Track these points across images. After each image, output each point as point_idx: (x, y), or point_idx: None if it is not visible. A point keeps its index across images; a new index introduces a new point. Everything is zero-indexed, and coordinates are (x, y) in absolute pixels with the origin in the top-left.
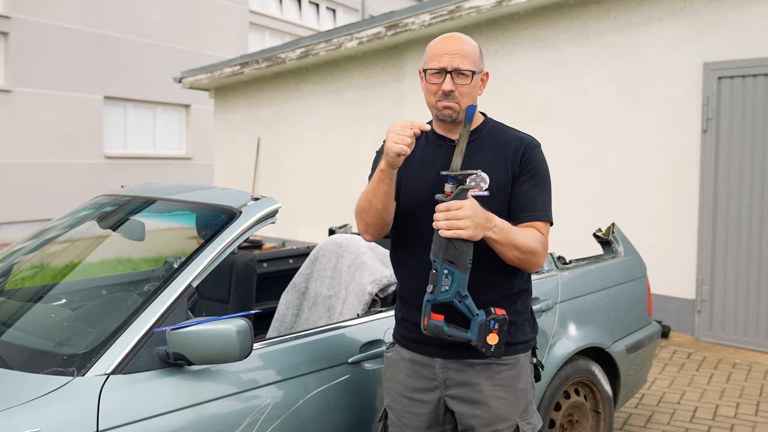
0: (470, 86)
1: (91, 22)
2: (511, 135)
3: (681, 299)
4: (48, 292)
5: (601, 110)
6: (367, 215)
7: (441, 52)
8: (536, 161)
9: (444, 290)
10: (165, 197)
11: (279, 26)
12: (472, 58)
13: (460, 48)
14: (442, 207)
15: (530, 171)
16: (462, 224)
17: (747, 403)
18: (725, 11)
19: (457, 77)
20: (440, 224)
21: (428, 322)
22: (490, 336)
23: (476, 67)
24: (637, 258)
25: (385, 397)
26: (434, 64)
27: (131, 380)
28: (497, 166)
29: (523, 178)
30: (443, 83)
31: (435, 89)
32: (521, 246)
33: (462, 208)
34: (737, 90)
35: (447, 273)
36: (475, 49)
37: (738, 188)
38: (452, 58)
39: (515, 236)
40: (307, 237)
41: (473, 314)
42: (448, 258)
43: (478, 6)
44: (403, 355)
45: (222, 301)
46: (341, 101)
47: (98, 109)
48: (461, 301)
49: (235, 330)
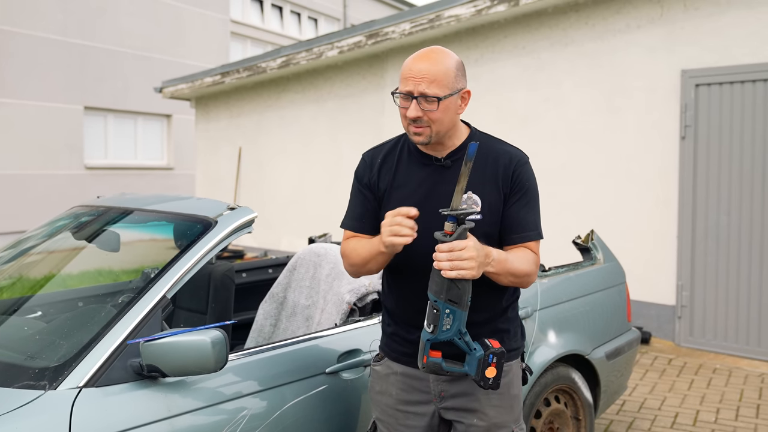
0: (439, 111)
1: (72, 32)
2: (499, 151)
3: (661, 305)
4: (23, 304)
5: (581, 117)
6: (359, 269)
7: (408, 75)
8: (526, 179)
9: (445, 329)
10: (141, 208)
11: (260, 36)
12: (443, 81)
13: (428, 71)
14: (445, 248)
15: (521, 190)
16: (466, 265)
17: (727, 409)
18: (702, 19)
19: (423, 102)
20: (443, 265)
21: (427, 360)
22: (488, 369)
23: (448, 90)
24: (617, 265)
25: (374, 410)
26: (402, 87)
27: (104, 393)
28: (487, 185)
29: (514, 198)
30: (409, 109)
31: (403, 113)
32: (517, 272)
33: (466, 249)
34: (714, 97)
35: (449, 312)
36: (449, 69)
37: (716, 194)
38: (418, 83)
39: (511, 264)
40: (289, 246)
41: (471, 349)
42: (450, 298)
43: (458, 15)
44: (394, 368)
45: (200, 311)
46: (322, 110)
47: (78, 119)
48: (461, 338)
49: (210, 341)
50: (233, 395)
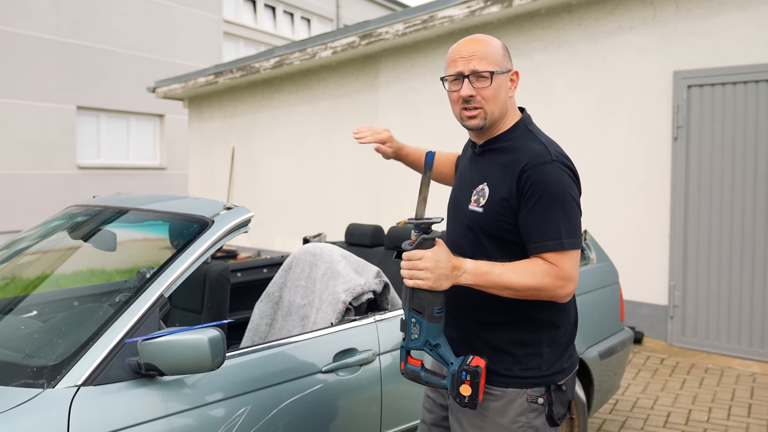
0: (492, 88)
1: (64, 31)
2: (523, 148)
3: (654, 305)
4: (18, 303)
5: (574, 118)
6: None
7: (456, 57)
8: (542, 181)
9: (413, 338)
10: (137, 207)
11: (253, 36)
12: (492, 58)
13: (476, 49)
14: (405, 256)
15: (535, 194)
16: (421, 275)
17: (719, 408)
18: (694, 21)
19: (475, 81)
20: (403, 273)
21: (405, 366)
22: (462, 387)
23: (498, 67)
24: (609, 265)
25: None
26: (451, 70)
27: (102, 392)
28: (497, 183)
29: (528, 204)
30: (462, 89)
31: (456, 97)
32: (510, 285)
33: (422, 259)
34: (707, 98)
35: (415, 322)
36: (497, 47)
37: (708, 195)
38: (468, 61)
39: (499, 277)
40: (283, 246)
41: (447, 363)
42: (414, 307)
43: (451, 16)
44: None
45: (195, 311)
46: (316, 110)
47: (71, 119)
48: (432, 350)
49: (207, 340)
50: (230, 394)
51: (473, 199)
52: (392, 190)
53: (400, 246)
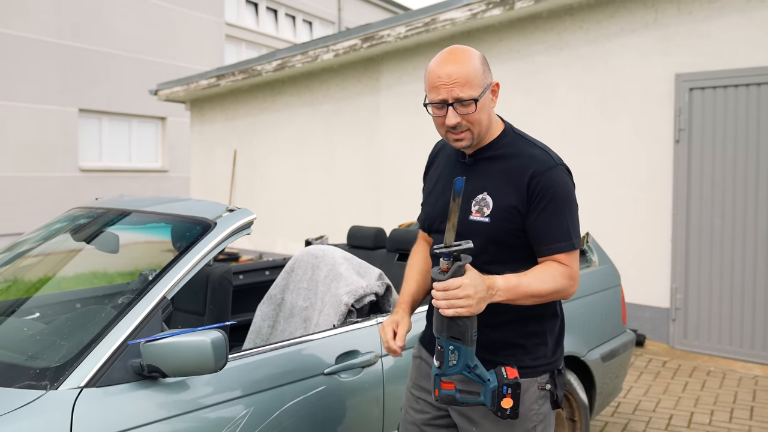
0: (477, 112)
1: (66, 34)
2: (524, 154)
3: (656, 308)
4: (21, 305)
5: (576, 121)
6: None
7: (438, 83)
8: (550, 185)
9: (452, 365)
10: (140, 209)
11: (255, 38)
12: (475, 80)
13: (458, 73)
14: (440, 287)
15: (544, 198)
16: (463, 303)
17: (721, 410)
18: (696, 23)
19: (460, 107)
20: (440, 303)
21: (439, 393)
22: (504, 401)
23: (481, 88)
24: (611, 267)
25: None
26: (434, 96)
27: (105, 393)
28: (504, 190)
29: (538, 207)
30: (447, 117)
31: (441, 122)
32: (537, 292)
33: (461, 287)
34: (708, 101)
35: (453, 349)
36: (476, 65)
37: (710, 197)
38: (451, 89)
39: (526, 288)
40: (284, 249)
41: (484, 380)
42: (452, 335)
43: (453, 18)
44: (421, 353)
45: (198, 313)
46: (317, 113)
47: (73, 121)
48: (471, 372)
49: (210, 341)
50: (233, 396)
51: (474, 209)
52: (394, 193)
53: (401, 248)
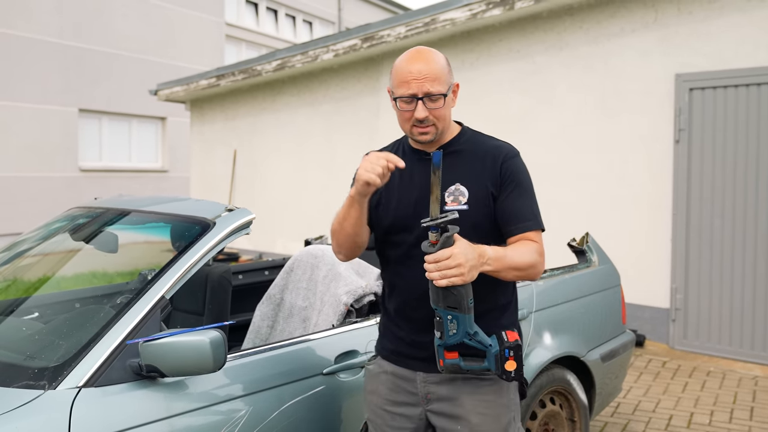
0: (444, 108)
1: (66, 34)
2: (489, 145)
3: (655, 308)
4: (20, 305)
5: (576, 121)
6: (338, 236)
7: (409, 78)
8: (517, 171)
9: (452, 334)
10: (139, 209)
11: (255, 39)
12: (442, 78)
13: (429, 70)
14: (431, 258)
15: (513, 181)
16: (455, 272)
17: (721, 411)
18: (696, 24)
19: (429, 102)
20: (433, 275)
21: (444, 363)
22: (507, 363)
23: (447, 85)
24: (611, 267)
25: (366, 411)
26: (404, 91)
27: (103, 393)
28: (476, 178)
29: (507, 190)
30: (416, 110)
31: (408, 116)
32: (519, 265)
33: (452, 257)
34: (708, 101)
35: (451, 318)
36: (443, 65)
37: (710, 197)
38: (421, 84)
39: (510, 259)
40: (284, 249)
41: (486, 346)
42: (449, 305)
43: (453, 18)
44: (385, 368)
45: (197, 313)
46: (317, 113)
47: (73, 121)
48: (471, 339)
49: (209, 341)
50: (231, 396)
51: (449, 200)
52: None
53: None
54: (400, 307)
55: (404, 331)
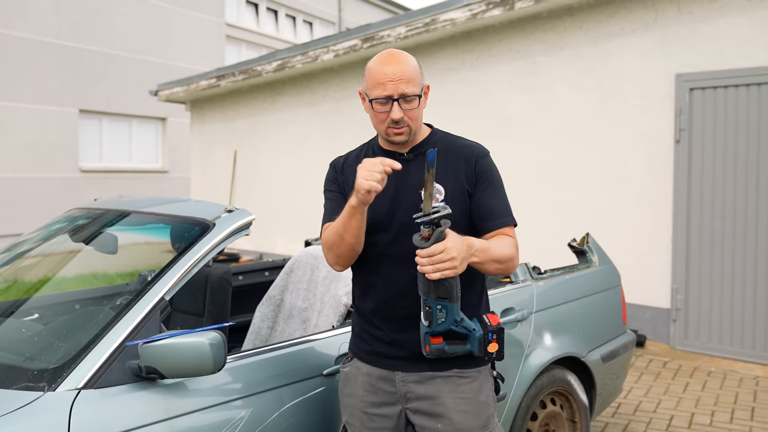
0: (418, 109)
1: (66, 34)
2: (459, 145)
3: (656, 308)
4: (20, 307)
5: (576, 121)
6: (338, 249)
7: (384, 79)
8: (489, 169)
9: (440, 322)
10: (139, 210)
11: (255, 39)
12: (416, 79)
13: (403, 72)
14: (425, 253)
15: (486, 179)
16: (449, 265)
17: (722, 411)
18: (696, 23)
19: (404, 103)
20: (426, 269)
21: (429, 348)
22: (490, 345)
23: (420, 86)
24: (612, 267)
25: (344, 414)
26: (379, 92)
27: (103, 395)
28: (450, 176)
29: (481, 188)
30: (392, 111)
31: (383, 117)
32: (501, 257)
33: (445, 250)
34: (709, 101)
35: (441, 308)
36: (416, 67)
37: (711, 197)
38: (396, 85)
39: (494, 251)
40: (285, 249)
41: (470, 330)
42: (440, 296)
43: (453, 19)
44: (362, 369)
45: (197, 314)
46: (317, 113)
47: (73, 122)
48: (458, 326)
49: (209, 343)
50: (231, 397)
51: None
52: None
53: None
54: (378, 307)
55: (382, 331)
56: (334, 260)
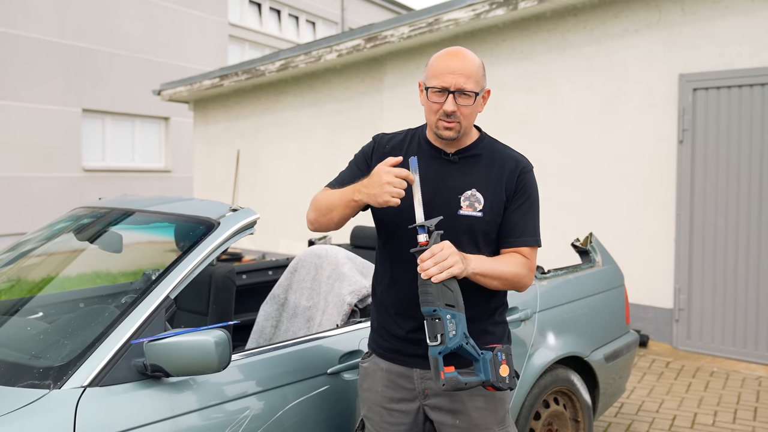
0: (472, 107)
1: (69, 34)
2: (506, 155)
3: (659, 308)
4: (24, 305)
5: (579, 121)
6: (322, 217)
7: (444, 71)
8: (529, 185)
9: (452, 336)
10: (143, 209)
11: (258, 39)
12: (476, 78)
13: (465, 67)
14: (427, 254)
15: (524, 195)
16: (451, 261)
17: (725, 411)
18: (700, 24)
19: (459, 97)
20: (431, 271)
21: (444, 376)
22: (501, 368)
23: (479, 87)
24: (615, 267)
25: (362, 408)
26: (437, 83)
27: (108, 393)
28: (492, 186)
29: (516, 203)
30: (445, 103)
31: (436, 108)
32: (503, 274)
33: (444, 248)
34: (712, 101)
35: (450, 317)
36: (479, 67)
37: (714, 198)
38: (456, 78)
39: (494, 266)
40: (287, 249)
41: (479, 353)
42: (447, 302)
43: (457, 19)
44: (381, 365)
45: (201, 313)
46: (320, 113)
47: (76, 121)
48: (467, 343)
49: (214, 341)
50: (236, 395)
51: (464, 204)
52: None
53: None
54: (400, 303)
55: (402, 329)
56: (312, 220)
